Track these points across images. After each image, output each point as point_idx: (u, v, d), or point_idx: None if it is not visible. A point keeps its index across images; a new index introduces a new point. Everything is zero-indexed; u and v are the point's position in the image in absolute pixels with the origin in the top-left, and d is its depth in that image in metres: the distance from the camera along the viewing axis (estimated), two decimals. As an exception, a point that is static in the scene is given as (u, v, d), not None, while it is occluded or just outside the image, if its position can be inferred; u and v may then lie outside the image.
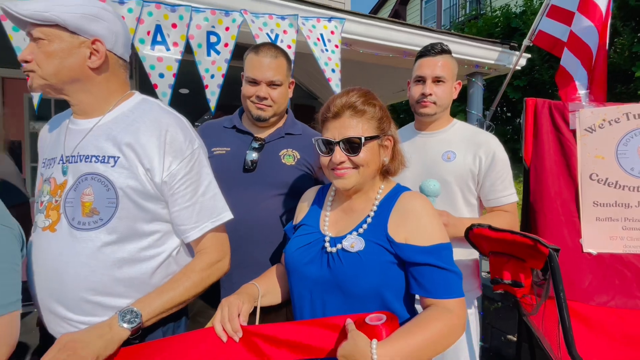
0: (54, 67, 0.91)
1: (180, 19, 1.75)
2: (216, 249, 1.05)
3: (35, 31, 0.89)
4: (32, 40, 0.90)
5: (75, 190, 0.93)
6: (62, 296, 0.91)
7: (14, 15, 0.87)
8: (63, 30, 0.90)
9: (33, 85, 0.92)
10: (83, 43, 0.93)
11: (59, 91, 0.96)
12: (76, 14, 0.90)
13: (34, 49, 0.90)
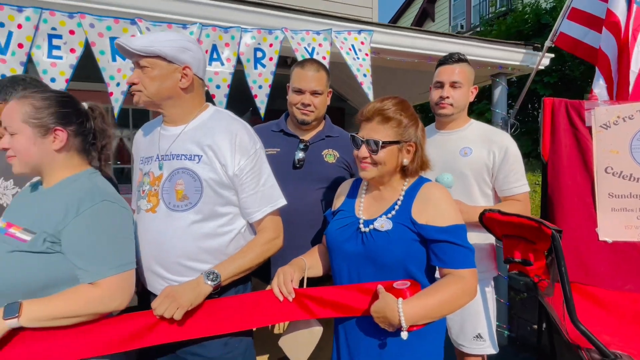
0: (156, 88, 1.20)
1: (232, 39, 2.05)
2: (273, 228, 1.33)
3: (142, 61, 1.18)
4: (138, 67, 1.20)
5: (169, 181, 1.23)
6: (161, 261, 1.21)
7: (126, 49, 1.17)
8: (162, 60, 1.19)
9: (139, 101, 1.22)
10: (176, 69, 1.22)
11: (157, 106, 1.26)
12: (172, 47, 1.19)
13: (139, 74, 1.19)
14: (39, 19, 1.74)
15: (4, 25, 1.70)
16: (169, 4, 1.98)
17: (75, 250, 1.04)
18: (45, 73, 1.76)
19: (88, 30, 1.80)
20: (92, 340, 1.08)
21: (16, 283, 1.01)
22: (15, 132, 1.10)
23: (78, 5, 1.83)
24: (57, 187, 1.13)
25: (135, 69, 1.21)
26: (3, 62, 1.71)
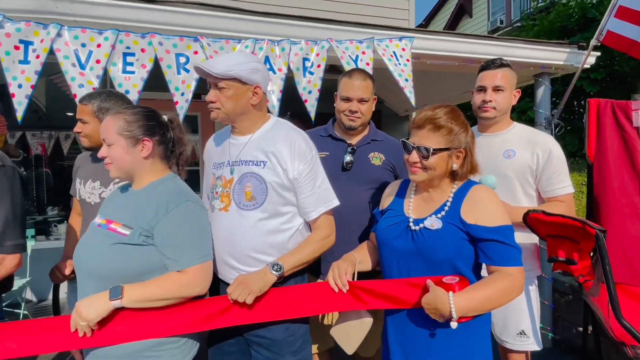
0: (231, 106, 1.38)
1: (282, 50, 2.21)
2: (327, 226, 1.47)
3: (220, 83, 1.35)
4: (215, 87, 1.37)
5: (239, 184, 1.40)
6: (233, 253, 1.38)
7: (206, 72, 1.35)
8: (238, 81, 1.36)
9: (218, 117, 1.40)
10: (249, 89, 1.38)
11: (231, 120, 1.43)
12: (246, 69, 1.36)
13: (217, 94, 1.37)
14: (115, 39, 1.97)
15: (85, 45, 1.95)
16: (226, 23, 2.17)
17: (166, 243, 1.22)
18: (121, 86, 2.00)
19: (157, 48, 2.02)
20: (176, 321, 1.26)
21: (118, 270, 1.20)
22: (111, 143, 1.29)
23: (149, 27, 2.05)
24: (146, 189, 1.32)
25: (212, 89, 1.38)
26: (82, 75, 1.95)
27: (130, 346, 1.22)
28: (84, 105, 1.66)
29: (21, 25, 1.86)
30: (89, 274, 1.23)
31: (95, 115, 1.65)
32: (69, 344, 1.21)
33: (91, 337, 1.18)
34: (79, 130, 1.69)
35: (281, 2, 3.72)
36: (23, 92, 1.87)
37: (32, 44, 1.88)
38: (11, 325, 1.25)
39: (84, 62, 1.93)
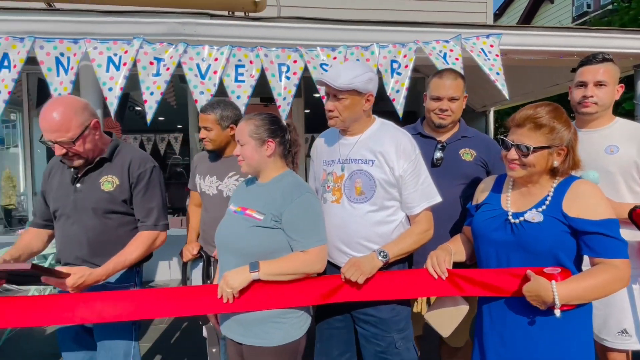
0: (349, 114, 1.56)
1: (372, 54, 2.37)
2: (427, 221, 1.59)
3: (340, 94, 1.53)
4: (334, 98, 1.55)
5: (349, 180, 1.58)
6: (345, 240, 1.57)
7: (329, 85, 1.53)
8: (355, 92, 1.54)
9: (336, 125, 1.59)
10: (363, 97, 1.56)
11: (346, 126, 1.61)
12: (363, 81, 1.53)
13: (336, 104, 1.55)
14: (229, 53, 2.28)
15: (205, 59, 2.28)
16: (320, 33, 2.39)
17: (292, 227, 1.44)
18: (233, 93, 2.30)
19: (263, 59, 2.29)
20: (297, 294, 1.48)
21: (254, 248, 1.45)
22: (244, 143, 1.54)
23: (256, 42, 2.33)
24: (272, 182, 1.56)
25: (330, 99, 1.56)
26: (202, 84, 2.28)
27: (260, 313, 1.46)
28: (207, 115, 1.95)
29: (156, 46, 2.23)
30: (231, 251, 1.49)
31: (217, 123, 1.95)
32: (215, 308, 1.48)
33: (232, 304, 1.44)
34: (204, 136, 1.99)
35: (367, 10, 3.88)
36: (154, 98, 2.25)
37: (163, 60, 2.25)
38: (171, 290, 1.56)
39: (204, 73, 2.26)
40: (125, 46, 2.19)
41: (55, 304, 1.50)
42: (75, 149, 1.62)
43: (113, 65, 2.16)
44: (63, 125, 1.57)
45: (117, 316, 1.52)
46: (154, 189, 1.79)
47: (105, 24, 2.21)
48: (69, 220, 1.72)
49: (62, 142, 1.58)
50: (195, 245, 2.07)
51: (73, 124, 1.60)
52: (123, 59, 2.17)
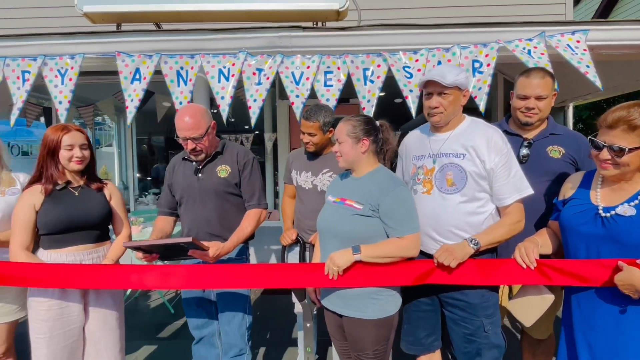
0: (452, 110, 1.73)
1: (453, 55, 2.49)
2: (518, 212, 1.70)
3: (446, 90, 1.69)
4: (437, 95, 1.71)
5: (440, 172, 1.74)
6: (436, 228, 1.74)
7: (438, 83, 1.69)
8: (457, 88, 1.71)
9: (441, 120, 1.75)
10: (461, 92, 1.73)
11: (449, 120, 1.76)
12: (463, 77, 1.71)
13: (440, 100, 1.71)
14: (319, 61, 2.53)
15: (298, 68, 2.55)
16: (402, 38, 2.55)
17: (389, 216, 1.64)
18: (323, 96, 2.55)
19: (349, 65, 2.51)
20: (393, 275, 1.67)
21: (355, 233, 1.67)
22: (342, 141, 1.77)
23: (342, 50, 2.56)
24: (366, 176, 1.77)
25: (433, 96, 1.73)
26: (297, 89, 2.56)
27: (360, 289, 1.68)
28: (311, 122, 2.22)
29: (257, 58, 2.55)
30: (333, 235, 1.73)
31: (320, 129, 2.22)
32: (323, 282, 1.73)
33: (336, 280, 1.68)
34: (307, 141, 2.28)
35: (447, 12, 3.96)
36: (256, 104, 2.57)
37: (263, 70, 2.56)
38: (285, 265, 1.85)
39: (297, 80, 2.54)
40: (233, 59, 2.54)
41: (191, 273, 1.84)
42: (202, 144, 2.04)
43: (223, 77, 2.52)
44: (195, 125, 1.99)
45: (240, 284, 1.84)
46: (255, 174, 2.19)
47: (216, 40, 2.57)
48: (196, 203, 2.13)
49: (194, 138, 2.00)
50: (293, 232, 2.36)
51: (202, 124, 2.01)
52: (231, 70, 2.52)
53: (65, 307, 1.93)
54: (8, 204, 2.02)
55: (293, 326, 3.57)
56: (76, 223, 1.92)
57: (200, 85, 2.69)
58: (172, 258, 1.96)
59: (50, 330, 1.90)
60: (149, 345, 3.26)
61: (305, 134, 2.26)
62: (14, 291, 2.03)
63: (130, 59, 2.59)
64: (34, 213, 1.88)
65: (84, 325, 1.99)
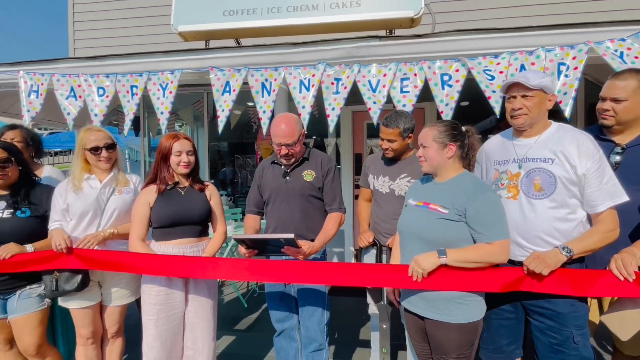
0: (537, 112, 1.72)
1: (537, 58, 2.42)
2: (612, 220, 1.63)
3: (529, 92, 1.70)
4: (521, 97, 1.72)
5: (527, 177, 1.73)
6: (524, 234, 1.72)
7: (522, 84, 1.70)
8: (542, 91, 1.71)
9: (524, 123, 1.74)
10: (546, 97, 1.72)
11: (531, 125, 1.75)
12: (548, 81, 1.70)
13: (523, 102, 1.72)
14: (396, 69, 2.60)
15: (375, 76, 2.64)
16: (483, 42, 2.54)
17: (477, 221, 1.66)
18: (399, 102, 2.61)
19: (427, 71, 2.55)
20: (479, 281, 1.68)
21: (440, 237, 1.71)
22: (427, 146, 1.82)
23: (419, 57, 2.61)
24: (452, 181, 1.80)
25: (517, 98, 1.74)
26: (374, 96, 2.64)
27: (444, 292, 1.71)
28: (392, 129, 2.29)
29: (335, 68, 2.69)
30: (417, 238, 1.78)
31: (400, 135, 2.29)
32: (406, 284, 1.78)
33: (420, 282, 1.72)
34: (386, 147, 2.35)
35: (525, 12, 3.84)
36: (335, 113, 2.70)
37: (341, 80, 2.69)
38: (369, 265, 1.94)
39: (374, 88, 2.63)
40: (313, 70, 2.70)
41: (281, 267, 2.00)
42: (293, 149, 2.20)
43: (304, 87, 2.69)
44: (290, 132, 2.17)
45: (326, 281, 1.96)
46: (337, 180, 2.33)
47: (298, 53, 2.76)
48: (283, 203, 2.30)
49: (288, 144, 2.17)
50: (370, 234, 2.44)
51: (295, 132, 2.19)
52: (311, 81, 2.68)
53: (170, 293, 2.19)
54: (124, 201, 2.33)
55: (360, 327, 3.64)
56: (181, 219, 2.18)
57: (282, 95, 2.88)
58: (268, 253, 2.14)
59: (157, 313, 2.17)
60: (228, 336, 3.52)
61: (385, 140, 2.34)
62: (127, 278, 2.33)
63: (222, 73, 2.86)
64: (149, 209, 2.17)
65: (184, 312, 2.24)
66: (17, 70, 3.14)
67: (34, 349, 2.23)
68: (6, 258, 2.05)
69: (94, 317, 2.31)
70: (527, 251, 1.70)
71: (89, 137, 2.26)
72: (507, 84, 1.76)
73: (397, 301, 2.03)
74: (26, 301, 2.19)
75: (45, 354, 2.30)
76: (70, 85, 3.04)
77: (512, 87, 1.75)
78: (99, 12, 5.98)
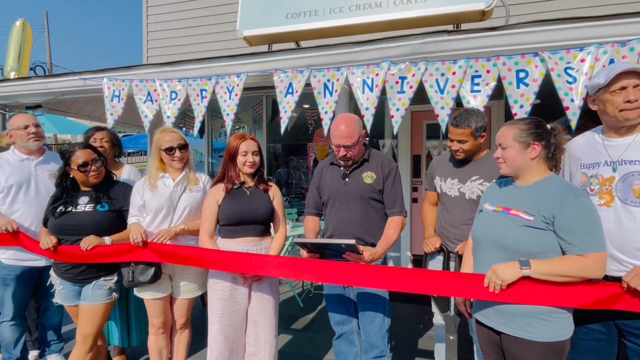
0: None
1: (631, 50, 2.15)
2: None
3: None
4: (635, 87, 1.54)
5: (623, 182, 1.53)
6: (620, 246, 1.53)
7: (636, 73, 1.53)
8: None
9: (638, 117, 1.55)
10: None
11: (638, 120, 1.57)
12: None
13: (637, 94, 1.53)
14: (466, 66, 2.45)
15: (444, 74, 2.51)
16: (565, 33, 2.31)
17: (568, 230, 1.48)
18: (468, 103, 2.46)
19: (501, 68, 2.38)
20: (567, 296, 1.51)
21: (522, 246, 1.56)
22: (506, 146, 1.67)
23: (492, 51, 2.44)
24: (536, 185, 1.63)
25: (628, 89, 1.55)
26: (442, 99, 2.51)
27: (526, 307, 1.56)
28: (462, 129, 2.14)
29: (401, 66, 2.60)
30: (496, 246, 1.64)
31: (472, 135, 2.14)
32: (480, 295, 1.66)
33: (498, 294, 1.59)
34: (457, 148, 2.20)
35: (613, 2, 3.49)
36: (399, 113, 2.61)
37: (406, 78, 2.60)
38: (436, 272, 1.84)
39: (442, 88, 2.50)
40: (376, 69, 2.64)
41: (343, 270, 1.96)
42: (352, 151, 2.15)
43: (367, 87, 2.64)
44: (349, 134, 2.12)
45: (386, 286, 1.88)
46: (398, 182, 2.24)
47: (361, 52, 2.71)
48: (342, 206, 2.25)
49: (347, 146, 2.12)
50: (437, 240, 2.32)
51: (355, 133, 2.13)
52: (375, 81, 2.62)
53: (235, 289, 2.25)
54: (194, 199, 2.44)
55: (419, 336, 3.49)
56: (246, 217, 2.23)
57: (343, 95, 2.85)
58: (329, 258, 2.11)
59: (222, 309, 2.23)
60: (285, 335, 3.56)
61: (454, 141, 2.21)
62: (194, 272, 2.44)
63: (285, 75, 2.89)
64: (217, 207, 2.24)
65: (247, 308, 2.29)
66: (100, 77, 3.43)
67: (92, 338, 2.34)
68: (88, 249, 2.22)
69: (164, 308, 2.43)
70: (625, 266, 1.51)
71: (164, 138, 2.40)
72: (616, 72, 1.56)
73: (468, 312, 1.90)
74: (98, 292, 2.35)
75: (97, 342, 2.42)
76: (147, 90, 3.25)
77: (622, 76, 1.55)
78: (169, 22, 6.41)
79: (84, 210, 2.35)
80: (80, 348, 2.34)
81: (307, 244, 2.00)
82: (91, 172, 2.36)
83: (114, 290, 2.40)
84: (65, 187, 2.39)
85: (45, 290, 2.73)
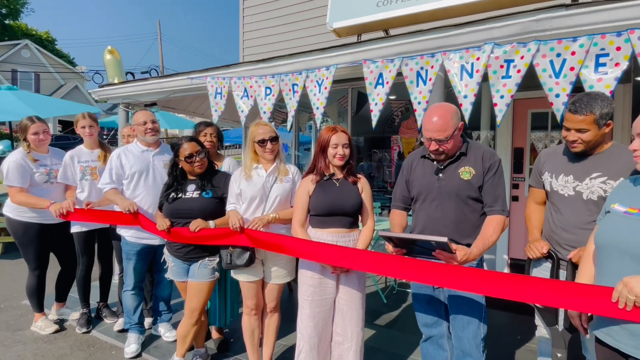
0: None
1: None
2: None
3: None
4: None
5: None
6: None
7: None
8: None
9: None
10: None
11: None
12: None
13: None
14: (589, 44, 2.10)
15: (560, 55, 2.19)
16: None
17: None
18: (591, 87, 2.11)
19: (636, 44, 1.99)
20: None
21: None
22: (644, 138, 1.39)
23: (624, 25, 2.05)
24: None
25: None
26: (557, 85, 2.20)
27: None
28: (583, 116, 1.81)
29: (507, 48, 2.34)
30: (630, 255, 1.39)
31: (595, 123, 1.80)
32: (604, 311, 1.42)
33: (630, 311, 1.34)
34: (574, 139, 1.88)
35: None
36: (503, 101, 2.36)
37: (513, 61, 2.33)
38: (546, 281, 1.63)
39: (557, 71, 2.19)
40: (477, 52, 2.41)
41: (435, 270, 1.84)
42: (445, 145, 1.98)
43: (466, 73, 2.43)
44: (443, 127, 1.95)
45: (484, 290, 1.73)
46: (500, 178, 2.02)
47: (459, 35, 2.50)
48: (434, 203, 2.11)
49: (439, 140, 1.97)
50: (545, 245, 2.05)
51: (449, 126, 1.96)
52: (475, 66, 2.40)
53: (323, 279, 2.28)
54: (284, 189, 2.52)
55: (516, 347, 3.18)
56: (335, 209, 2.23)
57: (438, 83, 2.67)
58: (417, 254, 2.01)
59: (312, 295, 2.28)
60: (368, 329, 3.52)
61: (572, 130, 1.89)
62: (284, 259, 2.53)
63: (374, 65, 2.82)
64: (308, 197, 2.29)
65: (334, 298, 2.30)
66: (204, 76, 3.74)
67: (198, 312, 2.62)
68: (196, 231, 2.45)
69: (257, 291, 2.58)
70: None
71: (257, 131, 2.52)
72: None
73: (584, 328, 1.65)
74: (203, 270, 2.60)
75: (201, 318, 2.71)
76: (244, 87, 3.46)
77: None
78: (262, 22, 6.75)
79: (192, 197, 2.60)
80: (187, 321, 2.61)
81: (393, 238, 1.92)
82: (196, 162, 2.59)
83: (216, 270, 2.64)
84: (175, 176, 2.68)
85: (159, 265, 3.13)
